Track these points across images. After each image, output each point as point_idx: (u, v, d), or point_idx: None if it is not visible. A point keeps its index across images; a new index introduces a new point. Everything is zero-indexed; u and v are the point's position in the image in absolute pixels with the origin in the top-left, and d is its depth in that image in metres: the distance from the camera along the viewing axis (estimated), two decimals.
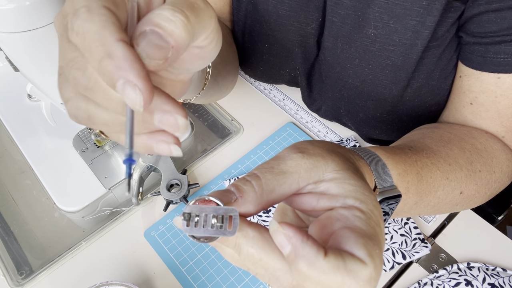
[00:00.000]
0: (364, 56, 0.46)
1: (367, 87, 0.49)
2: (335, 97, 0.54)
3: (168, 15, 0.21)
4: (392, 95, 0.48)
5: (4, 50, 0.41)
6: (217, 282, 0.46)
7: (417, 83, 0.46)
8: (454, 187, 0.42)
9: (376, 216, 0.25)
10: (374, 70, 0.47)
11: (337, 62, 0.49)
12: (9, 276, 0.47)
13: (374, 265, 0.23)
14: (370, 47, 0.45)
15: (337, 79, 0.51)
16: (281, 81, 0.62)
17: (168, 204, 0.51)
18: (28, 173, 0.56)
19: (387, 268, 0.46)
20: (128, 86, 0.20)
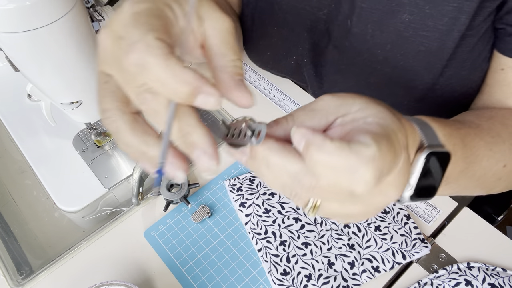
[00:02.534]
0: (397, 42, 0.46)
1: (397, 74, 0.48)
2: (359, 84, 0.53)
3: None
4: (423, 82, 0.47)
5: (4, 50, 0.41)
6: (217, 282, 0.46)
7: (450, 71, 0.46)
8: (498, 159, 0.41)
9: (397, 136, 0.27)
10: (406, 56, 0.46)
11: (366, 48, 0.48)
12: (9, 276, 0.47)
13: (378, 147, 0.24)
14: (404, 32, 0.45)
15: (364, 66, 0.50)
16: (286, 71, 0.61)
17: (168, 204, 0.51)
18: (28, 173, 0.56)
19: (387, 268, 0.46)
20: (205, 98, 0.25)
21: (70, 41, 0.41)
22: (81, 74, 0.45)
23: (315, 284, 0.45)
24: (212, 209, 0.52)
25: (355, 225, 0.49)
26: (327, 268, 0.46)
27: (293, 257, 0.47)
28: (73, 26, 0.40)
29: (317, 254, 0.47)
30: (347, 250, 0.47)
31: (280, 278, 0.45)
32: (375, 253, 0.47)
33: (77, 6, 0.40)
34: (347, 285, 0.45)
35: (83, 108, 0.49)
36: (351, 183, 0.25)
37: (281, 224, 0.49)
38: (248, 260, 0.48)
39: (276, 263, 0.46)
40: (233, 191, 0.52)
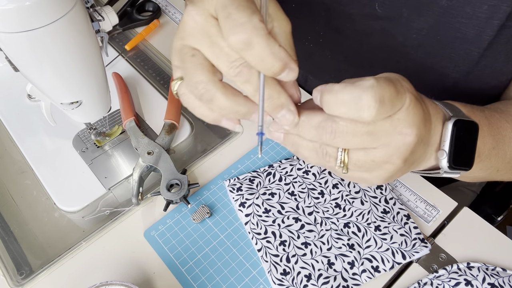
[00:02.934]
0: (433, 27, 0.45)
1: (431, 60, 0.47)
2: (388, 69, 0.51)
3: None
4: (457, 70, 0.46)
5: (4, 50, 0.41)
6: (217, 282, 0.46)
7: (484, 61, 0.45)
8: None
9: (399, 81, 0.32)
10: (442, 42, 0.45)
11: (400, 32, 0.47)
12: (9, 276, 0.47)
13: (376, 79, 0.29)
14: (441, 18, 0.44)
15: (395, 51, 0.49)
16: (298, 54, 0.61)
17: (168, 204, 0.51)
18: (28, 173, 0.56)
19: (387, 268, 0.46)
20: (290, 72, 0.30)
21: (70, 41, 0.41)
22: (81, 74, 0.45)
23: (315, 284, 0.45)
24: (212, 209, 0.52)
25: (355, 225, 0.49)
26: (327, 268, 0.46)
27: (293, 257, 0.47)
28: (73, 26, 0.40)
29: (317, 254, 0.47)
30: (347, 250, 0.47)
31: (280, 278, 0.45)
32: (375, 253, 0.47)
33: (77, 6, 0.40)
34: (347, 285, 0.45)
35: (83, 108, 0.49)
36: (358, 110, 0.29)
37: (281, 224, 0.49)
38: (248, 260, 0.48)
39: (276, 263, 0.46)
40: (233, 191, 0.52)
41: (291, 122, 0.32)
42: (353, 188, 0.52)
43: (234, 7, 0.28)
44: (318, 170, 0.53)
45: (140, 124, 0.59)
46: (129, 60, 0.70)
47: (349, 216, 0.50)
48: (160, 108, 0.62)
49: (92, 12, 0.45)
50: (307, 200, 0.51)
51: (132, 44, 0.71)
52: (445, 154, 0.36)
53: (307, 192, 0.52)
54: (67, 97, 0.47)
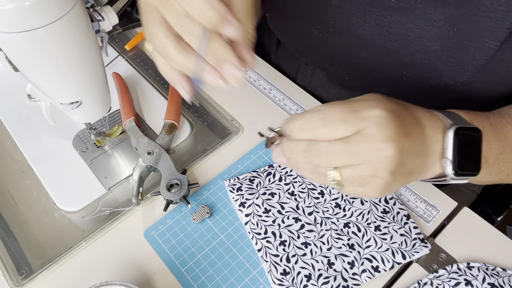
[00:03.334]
0: (451, 19, 0.45)
1: (447, 52, 0.47)
2: (401, 62, 0.50)
3: None
4: (473, 63, 0.46)
5: (4, 50, 0.41)
6: (217, 282, 0.46)
7: (501, 55, 0.45)
8: None
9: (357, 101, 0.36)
10: (459, 34, 0.45)
11: (415, 24, 0.47)
12: (9, 276, 0.47)
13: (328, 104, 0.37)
14: (458, 10, 0.44)
15: (411, 42, 0.49)
16: (307, 45, 0.60)
17: (168, 204, 0.51)
18: (28, 173, 0.56)
19: (387, 268, 0.46)
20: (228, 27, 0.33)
21: (70, 41, 0.41)
22: (81, 74, 0.45)
23: (315, 284, 0.45)
24: (212, 209, 0.52)
25: (355, 225, 0.49)
26: (327, 268, 0.46)
27: (293, 257, 0.47)
28: (73, 26, 0.40)
29: (317, 254, 0.47)
30: (347, 250, 0.47)
31: (280, 278, 0.45)
32: (375, 253, 0.47)
33: (77, 6, 0.40)
34: (347, 285, 0.45)
35: (83, 108, 0.49)
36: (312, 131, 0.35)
37: (281, 224, 0.49)
38: (248, 260, 0.48)
39: (276, 263, 0.46)
40: (233, 191, 0.52)
41: (237, 78, 0.35)
42: None
43: None
44: None
45: (140, 124, 0.59)
46: (129, 60, 0.70)
47: (349, 216, 0.50)
48: (160, 108, 0.62)
49: (92, 12, 0.45)
50: (307, 200, 0.51)
51: (132, 44, 0.71)
52: (449, 162, 0.38)
53: (307, 192, 0.52)
54: (67, 97, 0.47)
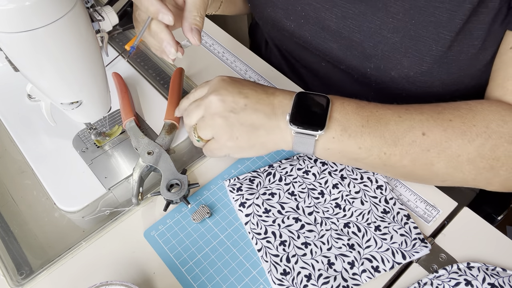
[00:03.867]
0: (409, 11, 0.46)
1: (406, 43, 0.48)
2: (365, 53, 0.53)
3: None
4: (430, 54, 0.47)
5: (4, 50, 0.41)
6: (217, 282, 0.46)
7: (458, 46, 0.46)
8: (410, 126, 0.44)
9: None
10: (417, 26, 0.47)
11: (377, 16, 0.49)
12: (9, 276, 0.47)
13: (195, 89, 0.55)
14: (417, 2, 0.46)
15: (373, 34, 0.51)
16: (285, 34, 0.63)
17: (168, 204, 0.51)
18: (28, 173, 0.56)
19: (387, 268, 0.46)
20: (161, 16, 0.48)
21: (70, 41, 0.41)
22: (81, 74, 0.45)
23: (315, 284, 0.45)
24: (212, 209, 0.52)
25: (355, 225, 0.49)
26: (327, 268, 0.46)
27: (293, 257, 0.47)
28: (73, 26, 0.40)
29: (317, 254, 0.47)
30: (347, 250, 0.47)
31: (280, 278, 0.45)
32: (375, 253, 0.47)
33: (77, 6, 0.40)
34: (347, 285, 0.45)
35: (83, 108, 0.49)
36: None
37: (281, 224, 0.49)
38: (248, 260, 0.48)
39: (276, 263, 0.46)
40: (233, 191, 0.52)
41: (171, 52, 0.49)
42: (353, 188, 0.52)
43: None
44: (318, 170, 0.53)
45: (140, 124, 0.59)
46: (129, 60, 0.70)
47: (349, 216, 0.50)
48: (160, 108, 0.62)
49: (92, 12, 0.45)
50: (307, 200, 0.51)
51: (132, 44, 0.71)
52: (288, 116, 0.46)
53: (307, 192, 0.52)
54: (67, 97, 0.47)
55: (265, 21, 0.66)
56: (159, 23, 0.48)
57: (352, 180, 0.53)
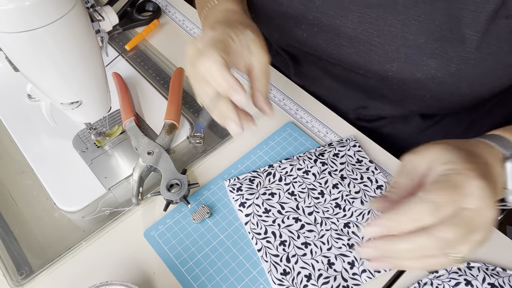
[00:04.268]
0: (431, 13, 0.46)
1: (431, 44, 0.48)
2: (386, 57, 0.52)
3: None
4: (458, 55, 0.47)
5: (4, 50, 0.41)
6: (217, 282, 0.46)
7: (486, 48, 0.46)
8: None
9: None
10: (441, 27, 0.46)
11: (397, 20, 0.48)
12: (9, 276, 0.47)
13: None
14: (438, 3, 0.45)
15: (394, 37, 0.50)
16: (295, 44, 0.61)
17: (168, 204, 0.51)
18: (28, 173, 0.56)
19: (387, 268, 0.46)
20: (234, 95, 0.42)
21: (70, 41, 0.41)
22: (81, 74, 0.45)
23: (315, 284, 0.45)
24: (212, 209, 0.52)
25: (355, 225, 0.49)
26: (327, 268, 0.46)
27: (293, 257, 0.47)
28: (73, 26, 0.40)
29: (317, 254, 0.47)
30: (347, 250, 0.47)
31: (280, 278, 0.45)
32: None
33: (77, 6, 0.40)
34: (347, 285, 0.45)
35: (83, 108, 0.49)
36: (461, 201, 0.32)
37: (281, 224, 0.49)
38: (248, 260, 0.48)
39: (276, 263, 0.46)
40: (233, 191, 0.52)
41: (236, 131, 0.43)
42: (353, 188, 0.52)
43: (210, 45, 0.41)
44: (318, 170, 0.53)
45: (140, 124, 0.59)
46: (129, 60, 0.70)
47: (349, 216, 0.50)
48: (160, 108, 0.62)
49: (92, 12, 0.45)
50: (307, 200, 0.51)
51: (132, 44, 0.71)
52: (509, 193, 0.39)
53: (307, 192, 0.52)
54: (67, 97, 0.47)
55: (271, 30, 0.64)
56: (226, 100, 0.42)
57: (352, 180, 0.53)
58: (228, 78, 0.40)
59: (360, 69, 0.57)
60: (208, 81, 0.42)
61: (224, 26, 0.45)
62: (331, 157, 0.55)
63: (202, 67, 0.41)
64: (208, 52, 0.41)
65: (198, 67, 0.42)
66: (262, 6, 0.60)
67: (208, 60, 0.41)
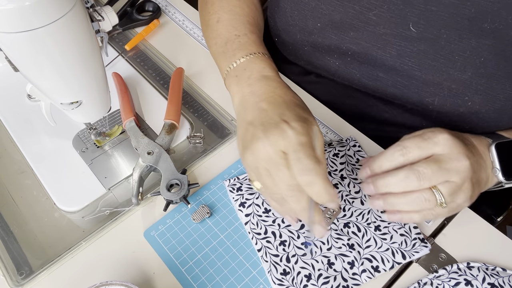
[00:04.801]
0: (476, 49, 0.45)
1: (476, 80, 0.47)
2: (427, 90, 0.51)
3: None
4: (504, 92, 0.47)
5: (4, 50, 0.41)
6: (217, 282, 0.46)
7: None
8: None
9: None
10: (486, 63, 0.45)
11: (440, 54, 0.47)
12: (9, 276, 0.47)
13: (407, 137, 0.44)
14: (484, 40, 0.44)
15: (436, 71, 0.49)
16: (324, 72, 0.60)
17: (168, 204, 0.51)
18: (28, 173, 0.56)
19: (387, 268, 0.46)
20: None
21: (70, 41, 0.41)
22: (81, 74, 0.45)
23: (315, 284, 0.45)
24: (212, 209, 0.52)
25: (355, 225, 0.49)
26: (327, 268, 0.46)
27: (293, 257, 0.47)
28: (73, 26, 0.40)
29: (317, 254, 0.47)
30: (347, 250, 0.47)
31: (280, 278, 0.45)
32: (375, 253, 0.47)
33: (77, 6, 0.40)
34: (347, 285, 0.45)
35: (83, 108, 0.49)
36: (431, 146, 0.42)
37: (280, 224, 0.49)
38: (248, 260, 0.48)
39: (276, 263, 0.46)
40: (233, 191, 0.52)
41: (321, 234, 0.42)
42: (353, 188, 0.52)
43: (304, 154, 0.39)
44: None
45: (140, 124, 0.59)
46: (129, 60, 0.70)
47: (349, 216, 0.50)
48: (160, 108, 0.62)
49: (92, 12, 0.45)
50: None
51: (132, 44, 0.71)
52: (497, 171, 0.46)
53: None
54: (67, 97, 0.47)
55: (299, 56, 0.61)
56: (317, 207, 0.42)
57: (352, 180, 0.53)
58: (331, 191, 0.39)
59: (397, 99, 0.55)
60: (302, 191, 0.40)
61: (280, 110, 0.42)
62: (331, 157, 0.55)
63: (302, 181, 0.39)
64: (305, 160, 0.39)
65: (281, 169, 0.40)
66: (288, 34, 0.58)
67: (308, 173, 0.39)
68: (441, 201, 0.41)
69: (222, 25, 0.56)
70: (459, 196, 0.42)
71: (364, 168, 0.45)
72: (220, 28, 0.56)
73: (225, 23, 0.56)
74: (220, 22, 0.57)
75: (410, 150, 0.42)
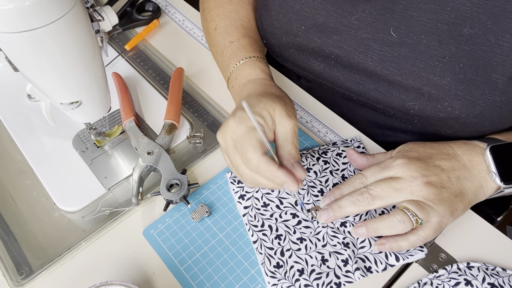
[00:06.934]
0: (456, 54, 0.45)
1: (456, 86, 0.47)
2: (408, 95, 0.52)
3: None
4: (483, 98, 0.46)
5: (4, 50, 0.41)
6: (215, 281, 0.46)
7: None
8: None
9: None
10: (465, 69, 0.46)
11: (420, 60, 0.48)
12: (9, 276, 0.47)
13: None
14: (463, 46, 0.44)
15: (416, 77, 0.49)
16: (309, 73, 0.60)
17: (168, 204, 0.51)
18: (28, 173, 0.56)
19: (380, 270, 0.45)
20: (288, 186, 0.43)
21: (70, 41, 0.41)
22: (81, 74, 0.45)
23: (307, 279, 0.45)
24: (211, 208, 0.52)
25: (352, 225, 0.49)
26: (320, 264, 0.46)
27: (287, 251, 0.47)
28: (73, 26, 0.40)
29: (312, 249, 0.47)
30: (341, 248, 0.47)
31: (272, 270, 0.45)
32: (368, 254, 0.47)
33: (76, 6, 0.40)
34: (339, 281, 0.45)
35: (83, 108, 0.49)
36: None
37: (278, 219, 0.49)
38: (246, 259, 0.48)
39: (270, 255, 0.46)
40: (234, 183, 0.52)
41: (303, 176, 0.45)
42: None
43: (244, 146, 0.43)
44: (320, 169, 0.53)
45: (140, 124, 0.59)
46: (129, 60, 0.70)
47: (346, 216, 0.50)
48: (160, 108, 0.62)
49: (92, 12, 0.45)
50: (306, 197, 0.51)
51: (132, 44, 0.71)
52: (495, 175, 0.46)
53: (306, 189, 0.52)
54: (67, 97, 0.47)
55: (285, 58, 0.62)
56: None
57: None
58: (280, 174, 0.42)
59: (380, 104, 0.56)
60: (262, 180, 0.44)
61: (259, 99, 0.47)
62: (334, 156, 0.55)
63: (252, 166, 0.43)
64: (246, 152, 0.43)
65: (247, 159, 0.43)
66: (275, 36, 0.59)
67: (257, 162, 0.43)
68: (416, 218, 0.43)
69: (219, 33, 0.59)
70: (432, 213, 0.43)
71: (329, 196, 0.48)
72: (217, 36, 0.60)
73: (221, 30, 0.59)
74: (217, 30, 0.60)
75: (368, 177, 0.47)
